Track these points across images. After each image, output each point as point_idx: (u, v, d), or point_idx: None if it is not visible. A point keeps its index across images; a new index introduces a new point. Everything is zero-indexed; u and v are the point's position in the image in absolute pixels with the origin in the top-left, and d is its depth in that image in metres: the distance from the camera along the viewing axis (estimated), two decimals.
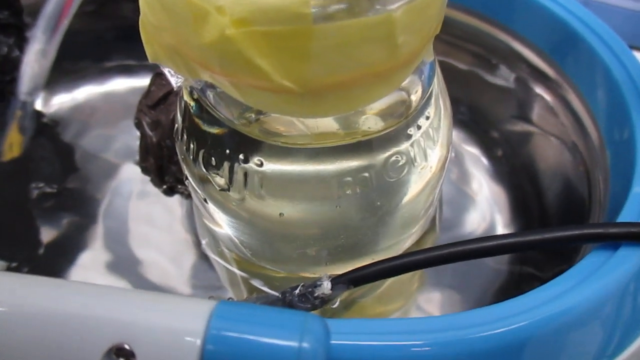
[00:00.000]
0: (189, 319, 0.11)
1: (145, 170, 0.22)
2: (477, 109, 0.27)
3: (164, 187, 0.22)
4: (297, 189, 0.16)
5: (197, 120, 0.17)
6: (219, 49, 0.13)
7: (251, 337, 0.11)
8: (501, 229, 0.24)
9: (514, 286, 0.24)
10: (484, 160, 0.26)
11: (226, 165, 0.16)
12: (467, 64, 0.26)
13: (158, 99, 0.20)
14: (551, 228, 0.17)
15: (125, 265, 0.26)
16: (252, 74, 0.13)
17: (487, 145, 0.26)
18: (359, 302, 0.20)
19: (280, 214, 0.16)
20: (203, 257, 0.26)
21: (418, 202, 0.17)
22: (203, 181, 0.17)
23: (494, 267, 0.24)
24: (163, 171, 0.21)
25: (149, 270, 0.26)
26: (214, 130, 0.16)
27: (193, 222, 0.26)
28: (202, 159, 0.17)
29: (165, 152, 0.20)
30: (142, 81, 0.28)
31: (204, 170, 0.17)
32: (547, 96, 0.24)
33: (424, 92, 0.16)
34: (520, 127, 0.26)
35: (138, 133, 0.22)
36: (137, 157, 0.23)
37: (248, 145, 0.16)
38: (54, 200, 0.27)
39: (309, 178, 0.16)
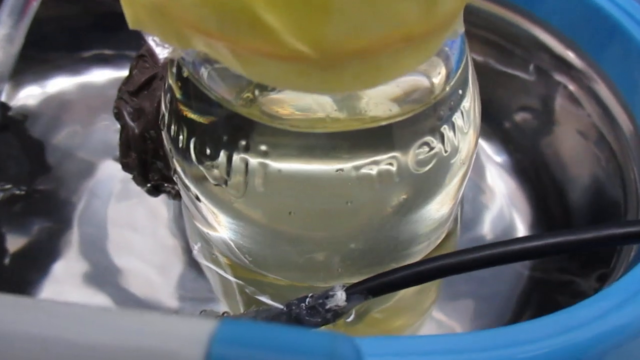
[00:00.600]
0: (184, 344, 0.09)
1: (126, 167, 0.19)
2: (491, 100, 0.25)
3: (148, 185, 0.19)
4: (308, 182, 0.13)
5: (187, 102, 0.14)
6: (217, 5, 0.10)
7: None
8: (522, 228, 0.22)
9: (537, 293, 0.21)
10: (500, 155, 0.24)
11: (223, 155, 0.13)
12: (482, 53, 0.24)
13: (140, 84, 0.18)
14: (600, 226, 0.14)
15: (104, 275, 0.24)
16: (259, 36, 0.11)
17: (502, 139, 0.24)
18: (365, 317, 0.18)
19: (289, 212, 0.13)
20: (191, 265, 0.24)
21: (446, 198, 0.15)
22: (195, 175, 0.14)
23: (512, 272, 0.22)
24: (147, 167, 0.18)
25: (131, 281, 0.24)
26: (208, 114, 0.14)
27: (181, 226, 0.23)
28: (194, 149, 0.14)
29: (149, 146, 0.18)
30: (121, 72, 0.26)
31: (197, 162, 0.14)
32: (571, 86, 0.22)
33: (455, 69, 0.14)
34: (539, 119, 0.24)
35: (118, 125, 0.20)
36: (117, 153, 0.20)
37: (249, 131, 0.13)
38: (22, 203, 0.24)
39: (321, 170, 0.13)
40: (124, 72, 0.23)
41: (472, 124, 0.15)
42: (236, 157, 0.13)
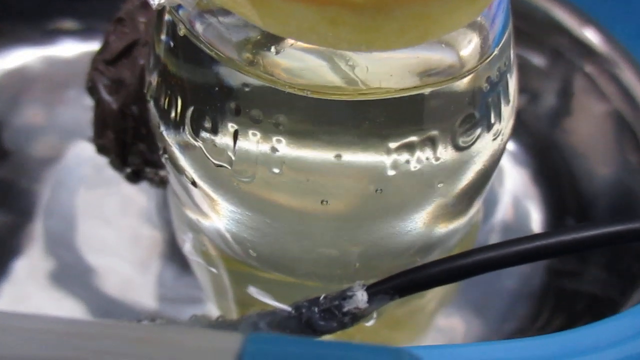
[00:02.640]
0: None
1: (102, 150, 0.16)
2: None
3: (128, 171, 0.17)
4: (331, 164, 0.11)
5: (182, 67, 0.12)
6: None
7: None
8: (536, 219, 0.21)
9: (544, 299, 0.20)
10: (514, 143, 0.22)
11: (228, 128, 0.11)
12: None
13: (119, 51, 0.15)
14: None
15: (73, 275, 0.21)
16: None
17: (516, 127, 0.23)
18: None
19: (304, 204, 0.11)
20: (172, 261, 0.22)
21: (484, 181, 0.13)
22: (192, 155, 0.12)
23: (516, 275, 0.20)
24: (126, 149, 0.16)
25: (104, 281, 0.21)
26: (209, 79, 0.11)
27: (162, 217, 0.21)
28: (191, 122, 0.12)
29: (129, 123, 0.15)
30: (92, 46, 0.23)
31: (194, 137, 0.12)
32: (588, 67, 0.21)
33: (499, 35, 0.12)
34: (552, 103, 0.22)
35: (89, 102, 0.17)
36: (89, 134, 0.17)
37: (260, 98, 0.11)
38: None
39: (350, 148, 0.11)
40: (93, 45, 0.20)
41: (513, 94, 0.13)
42: (244, 131, 0.11)
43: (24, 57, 0.23)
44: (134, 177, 0.17)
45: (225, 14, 0.11)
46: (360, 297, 0.13)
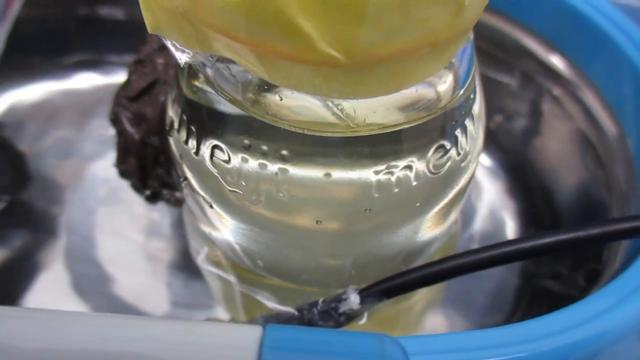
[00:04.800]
0: (233, 354, 0.09)
1: (124, 174, 0.18)
2: None
3: (147, 193, 0.19)
4: (326, 189, 0.13)
5: (200, 106, 0.14)
6: (249, 9, 0.10)
7: None
8: (512, 228, 0.23)
9: (527, 293, 0.22)
10: (488, 158, 0.25)
11: (239, 158, 0.13)
12: None
13: (141, 89, 0.17)
14: (594, 223, 0.15)
15: (91, 285, 0.23)
16: (289, 41, 0.11)
17: (490, 143, 0.25)
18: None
19: (305, 221, 0.14)
20: (184, 272, 0.24)
21: (458, 199, 0.15)
22: (208, 180, 0.14)
23: (501, 273, 0.22)
24: (146, 174, 0.18)
25: (121, 290, 0.23)
26: (223, 117, 0.13)
27: (173, 232, 0.23)
28: (208, 154, 0.14)
29: (150, 152, 0.17)
30: (109, 78, 0.25)
31: (211, 166, 0.14)
32: (555, 90, 0.23)
33: (465, 75, 0.14)
34: (523, 122, 0.24)
35: (106, 135, 0.19)
36: (104, 161, 0.20)
37: (265, 134, 0.13)
38: (5, 215, 0.23)
39: (341, 176, 0.13)
40: (112, 79, 0.22)
41: (481, 126, 0.15)
42: (253, 161, 0.13)
43: (45, 90, 0.25)
44: (153, 198, 0.19)
45: (233, 63, 0.13)
46: (353, 300, 0.15)
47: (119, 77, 0.20)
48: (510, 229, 0.23)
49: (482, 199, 0.23)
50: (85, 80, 0.26)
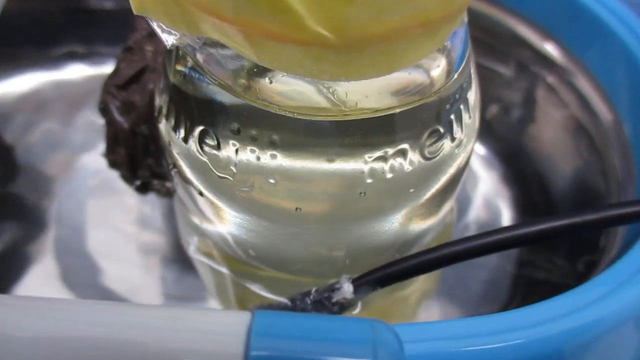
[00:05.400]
0: (221, 339, 0.08)
1: (113, 164, 0.18)
2: None
3: (137, 183, 0.18)
4: (319, 174, 0.13)
5: (189, 92, 0.14)
6: None
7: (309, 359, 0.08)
8: (507, 216, 0.23)
9: (522, 282, 0.22)
10: (483, 147, 0.24)
11: (230, 144, 0.13)
12: None
13: (129, 77, 0.17)
14: (593, 209, 0.15)
15: (82, 278, 0.23)
16: (278, 20, 0.10)
17: (485, 131, 0.25)
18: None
19: (298, 207, 0.13)
20: (176, 264, 0.23)
21: (452, 186, 0.15)
22: (197, 167, 0.14)
23: (496, 261, 0.22)
24: (136, 164, 0.17)
25: (112, 283, 0.23)
26: (213, 103, 0.13)
27: (164, 223, 0.23)
28: (198, 140, 0.14)
29: (139, 141, 0.17)
30: (99, 69, 0.25)
31: (200, 153, 0.14)
32: (549, 78, 0.23)
33: (460, 59, 0.14)
34: (518, 111, 0.24)
35: (96, 125, 0.19)
36: (94, 152, 0.19)
37: (256, 120, 0.13)
38: None
39: (334, 159, 0.13)
40: (101, 69, 0.22)
41: (476, 113, 0.15)
42: (243, 147, 0.13)
43: (33, 81, 0.25)
44: (143, 189, 0.19)
45: (223, 47, 0.13)
46: (347, 289, 0.15)
47: (109, 68, 0.19)
48: (506, 218, 0.23)
49: (477, 188, 0.23)
50: (74, 71, 0.25)
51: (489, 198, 0.23)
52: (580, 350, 0.12)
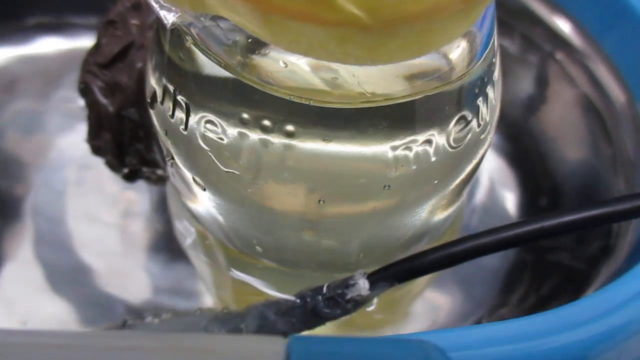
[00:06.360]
0: None
1: (97, 151, 0.16)
2: None
3: (125, 171, 0.17)
4: (334, 166, 0.12)
5: (188, 75, 0.12)
6: None
7: None
8: (512, 206, 0.22)
9: (529, 270, 0.21)
10: None
11: (235, 133, 0.12)
12: None
13: (113, 55, 0.15)
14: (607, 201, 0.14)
15: (64, 273, 0.21)
16: None
17: None
18: None
19: (319, 200, 0.12)
20: (166, 254, 0.22)
21: (472, 174, 0.14)
22: (198, 158, 0.13)
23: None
24: (124, 150, 0.16)
25: (97, 277, 0.21)
26: (216, 87, 0.12)
27: (155, 212, 0.21)
28: (198, 128, 0.12)
29: (127, 125, 0.15)
30: (74, 42, 0.23)
31: (203, 142, 0.12)
32: (558, 54, 0.22)
33: (486, 40, 0.13)
34: (526, 89, 0.23)
35: (75, 106, 0.17)
36: (73, 136, 0.18)
37: (267, 105, 0.11)
38: None
39: (353, 151, 0.12)
40: (78, 42, 0.20)
41: (499, 92, 0.14)
42: (252, 137, 0.12)
43: (3, 55, 0.23)
44: (131, 177, 0.17)
45: (221, 19, 0.11)
46: (363, 285, 0.14)
47: (85, 41, 0.17)
48: (511, 202, 0.22)
49: (483, 170, 0.22)
50: (47, 45, 0.23)
51: (495, 181, 0.22)
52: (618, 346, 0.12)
